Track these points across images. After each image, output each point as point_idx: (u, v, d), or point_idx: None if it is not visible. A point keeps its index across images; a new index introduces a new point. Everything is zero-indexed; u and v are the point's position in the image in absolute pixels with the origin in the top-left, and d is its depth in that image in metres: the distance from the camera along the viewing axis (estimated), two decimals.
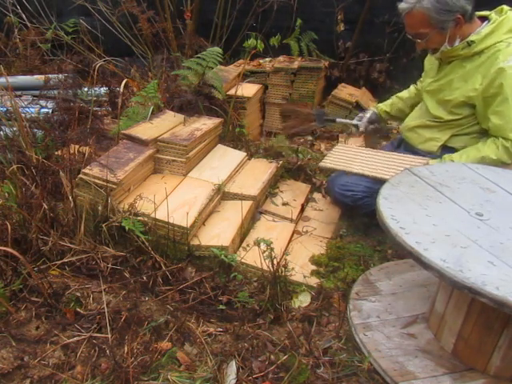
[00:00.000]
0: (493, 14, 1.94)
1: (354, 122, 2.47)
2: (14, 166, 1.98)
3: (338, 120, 2.50)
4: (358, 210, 2.16)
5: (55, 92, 2.95)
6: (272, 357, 1.52)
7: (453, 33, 1.89)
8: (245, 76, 3.25)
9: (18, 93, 3.25)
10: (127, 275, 1.81)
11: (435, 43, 1.95)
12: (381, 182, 1.71)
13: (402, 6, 1.92)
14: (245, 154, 2.60)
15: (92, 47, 3.84)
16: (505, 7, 1.95)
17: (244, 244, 2.05)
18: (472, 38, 1.89)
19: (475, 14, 1.91)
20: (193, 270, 1.90)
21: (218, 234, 1.99)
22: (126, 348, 1.49)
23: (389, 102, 2.50)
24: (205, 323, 1.68)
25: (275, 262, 1.69)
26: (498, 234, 1.34)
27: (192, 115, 2.58)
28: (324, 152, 2.73)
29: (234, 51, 3.76)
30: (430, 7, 1.84)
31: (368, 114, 2.44)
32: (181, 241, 1.90)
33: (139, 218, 1.88)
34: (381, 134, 2.87)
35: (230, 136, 2.82)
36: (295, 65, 3.35)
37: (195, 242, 1.93)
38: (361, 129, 2.44)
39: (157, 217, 1.89)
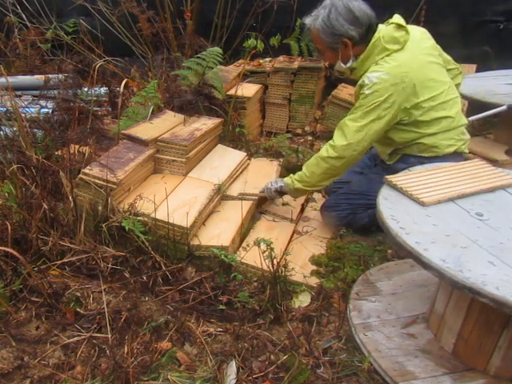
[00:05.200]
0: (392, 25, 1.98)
1: None
2: (14, 166, 1.98)
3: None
4: (353, 225, 2.17)
5: (55, 92, 2.95)
6: (272, 357, 1.52)
7: (344, 53, 1.98)
8: (245, 76, 3.25)
9: (18, 93, 3.26)
10: (127, 275, 1.81)
11: (329, 59, 2.06)
12: (361, 196, 1.70)
13: (305, 21, 2.01)
14: (245, 153, 2.60)
15: (92, 47, 3.84)
16: (393, 19, 2.00)
17: (244, 244, 2.05)
18: (354, 64, 1.99)
19: (371, 35, 1.94)
20: (193, 270, 1.90)
21: (217, 234, 1.99)
22: (126, 348, 1.49)
23: None
24: (205, 323, 1.68)
25: (275, 261, 1.69)
26: (498, 234, 1.34)
27: (192, 115, 2.58)
28: None
29: (234, 51, 3.75)
30: (319, 28, 1.93)
31: None
32: (181, 241, 1.90)
33: (139, 217, 1.88)
34: None
35: (230, 136, 2.82)
36: (295, 65, 3.35)
37: (195, 241, 1.93)
38: None
39: (157, 217, 1.89)
